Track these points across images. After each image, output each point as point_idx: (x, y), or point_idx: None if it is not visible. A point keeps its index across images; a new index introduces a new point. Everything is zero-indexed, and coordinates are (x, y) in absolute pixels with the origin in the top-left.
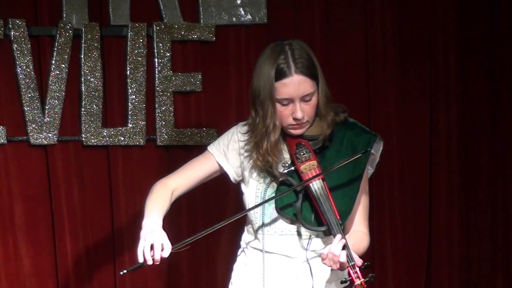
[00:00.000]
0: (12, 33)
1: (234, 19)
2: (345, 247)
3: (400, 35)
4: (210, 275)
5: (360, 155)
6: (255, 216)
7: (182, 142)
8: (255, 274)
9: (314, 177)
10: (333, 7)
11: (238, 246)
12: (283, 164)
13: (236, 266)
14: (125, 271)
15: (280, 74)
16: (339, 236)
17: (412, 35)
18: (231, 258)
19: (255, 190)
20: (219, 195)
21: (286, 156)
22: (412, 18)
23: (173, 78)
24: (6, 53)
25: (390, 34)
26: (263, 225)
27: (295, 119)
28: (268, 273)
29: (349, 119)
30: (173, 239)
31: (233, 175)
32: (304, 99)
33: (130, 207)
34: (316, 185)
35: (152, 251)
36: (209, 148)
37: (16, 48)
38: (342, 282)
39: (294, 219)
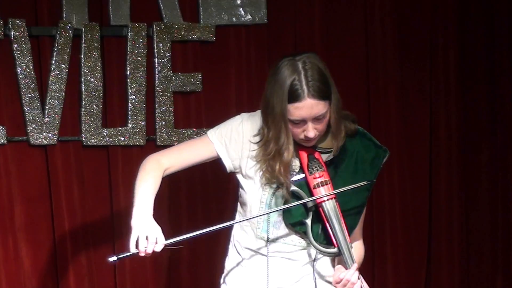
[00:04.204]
0: (12, 33)
1: (234, 19)
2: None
3: (400, 35)
4: (210, 275)
5: (374, 180)
6: (259, 222)
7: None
8: (255, 277)
9: (325, 195)
10: (333, 7)
11: (229, 241)
12: (291, 172)
13: (229, 265)
14: (115, 257)
15: (293, 98)
16: (355, 265)
17: (412, 35)
18: None
19: (260, 195)
20: (219, 195)
21: (296, 163)
22: (412, 18)
23: (173, 78)
24: (6, 53)
25: (390, 34)
26: (267, 232)
27: (306, 137)
28: (270, 276)
29: (359, 129)
30: (172, 238)
31: (229, 167)
32: (316, 118)
33: (130, 207)
34: (329, 205)
35: (146, 243)
36: (209, 134)
37: (16, 48)
38: None
39: (304, 236)
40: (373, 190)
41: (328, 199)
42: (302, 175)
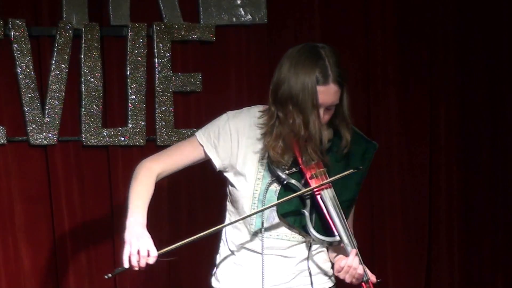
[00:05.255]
0: (12, 33)
1: (234, 19)
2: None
3: (400, 35)
4: (210, 275)
5: (361, 168)
6: (252, 217)
7: None
8: (250, 275)
9: (318, 186)
10: (333, 7)
11: (219, 240)
12: (283, 167)
13: (223, 264)
14: (110, 275)
15: (318, 80)
16: (354, 250)
17: (412, 34)
18: None
19: (252, 190)
20: (219, 195)
21: (290, 157)
22: (412, 18)
23: (173, 78)
24: (6, 53)
25: (390, 34)
26: (261, 228)
27: None
28: (266, 274)
29: None
30: (172, 241)
31: (220, 166)
32: (328, 107)
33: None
34: (328, 194)
35: (138, 257)
36: (198, 137)
37: (16, 48)
38: None
39: (302, 231)
40: (373, 190)
41: (325, 188)
42: (296, 169)
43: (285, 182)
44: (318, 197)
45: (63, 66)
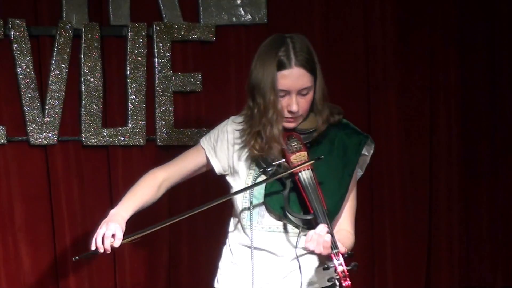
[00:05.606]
0: (12, 33)
1: (234, 19)
2: (330, 233)
3: (400, 35)
4: (210, 275)
5: (322, 157)
6: (243, 212)
7: (182, 142)
8: (243, 272)
9: (301, 164)
10: (333, 7)
11: (223, 243)
12: (273, 159)
13: (222, 265)
14: (77, 257)
15: (280, 65)
16: (324, 224)
17: (412, 35)
18: None
19: (244, 183)
20: (219, 194)
21: (277, 147)
22: (412, 18)
23: (173, 78)
24: (6, 53)
25: (390, 34)
26: (251, 220)
27: (290, 111)
28: (257, 272)
29: (343, 120)
30: (172, 238)
31: (219, 169)
32: (301, 92)
33: None
34: (306, 175)
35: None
36: (201, 141)
37: (16, 48)
38: (324, 269)
39: (281, 215)
40: (373, 190)
41: (304, 170)
42: (283, 160)
43: (268, 170)
44: (297, 178)
45: (63, 66)
